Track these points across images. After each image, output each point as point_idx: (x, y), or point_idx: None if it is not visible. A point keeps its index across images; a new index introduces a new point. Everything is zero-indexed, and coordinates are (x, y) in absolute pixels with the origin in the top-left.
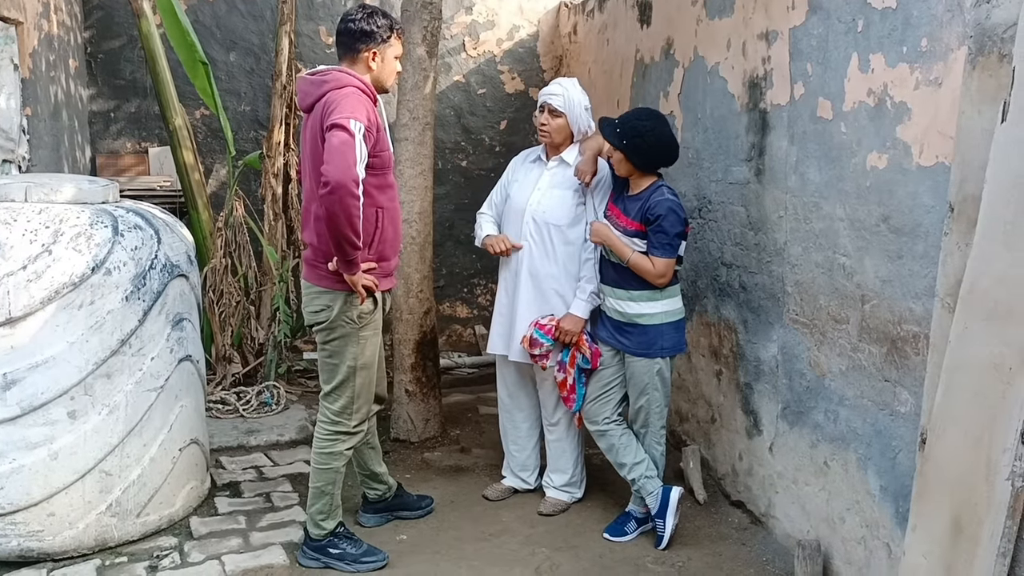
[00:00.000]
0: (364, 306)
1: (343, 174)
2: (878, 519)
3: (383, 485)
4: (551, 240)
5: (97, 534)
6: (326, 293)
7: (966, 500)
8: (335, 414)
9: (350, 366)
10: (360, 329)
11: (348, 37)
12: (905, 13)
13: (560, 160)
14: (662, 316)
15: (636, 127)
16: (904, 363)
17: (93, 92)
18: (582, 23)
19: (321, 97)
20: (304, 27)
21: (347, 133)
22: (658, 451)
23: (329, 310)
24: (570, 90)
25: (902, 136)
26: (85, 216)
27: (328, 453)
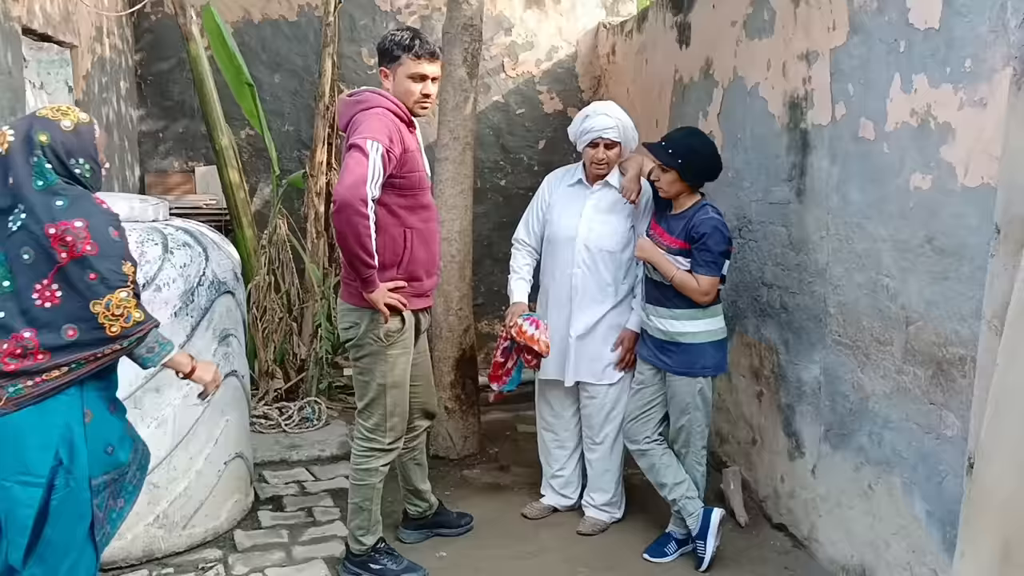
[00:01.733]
0: (391, 324)
1: (350, 193)
2: (924, 544)
3: (424, 503)
4: (604, 266)
5: (145, 545)
6: (354, 311)
7: (1016, 526)
8: (369, 431)
9: (380, 384)
10: (388, 348)
11: (379, 54)
12: (948, 34)
13: (605, 183)
14: (705, 335)
15: (689, 144)
16: (950, 386)
17: (143, 113)
18: (621, 43)
19: (352, 117)
20: (347, 49)
21: (361, 153)
22: (699, 471)
23: (357, 327)
24: (622, 118)
25: (946, 157)
26: (136, 234)
27: (364, 469)
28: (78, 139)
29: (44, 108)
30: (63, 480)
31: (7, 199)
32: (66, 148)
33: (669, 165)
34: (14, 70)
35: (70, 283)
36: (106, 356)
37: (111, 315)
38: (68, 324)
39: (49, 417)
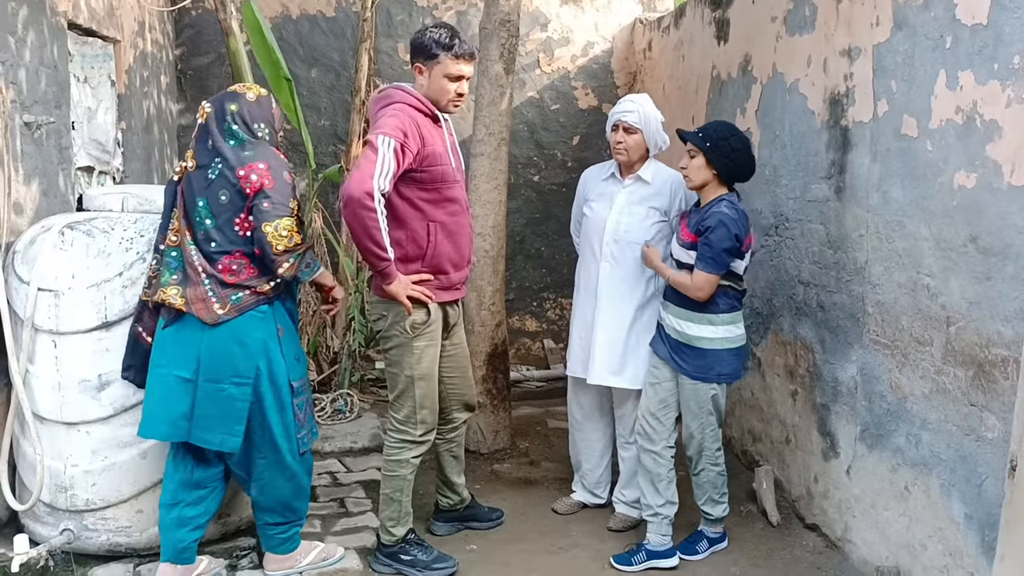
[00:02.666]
0: (416, 316)
1: (356, 187)
2: (962, 548)
3: (457, 496)
4: (633, 259)
5: None
6: (382, 303)
7: None
8: (399, 423)
9: (408, 376)
10: (414, 339)
11: (411, 52)
12: (996, 30)
13: (636, 178)
14: (721, 341)
15: (720, 130)
16: (992, 387)
17: (182, 107)
18: (657, 39)
19: (377, 112)
20: (383, 44)
21: (371, 148)
22: (715, 471)
23: (384, 319)
24: (644, 105)
25: (992, 155)
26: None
27: (395, 461)
28: (259, 108)
29: (234, 85)
30: (267, 384)
31: (208, 157)
32: (251, 114)
33: (697, 146)
34: (59, 64)
35: (253, 211)
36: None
37: (278, 235)
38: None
39: (252, 333)
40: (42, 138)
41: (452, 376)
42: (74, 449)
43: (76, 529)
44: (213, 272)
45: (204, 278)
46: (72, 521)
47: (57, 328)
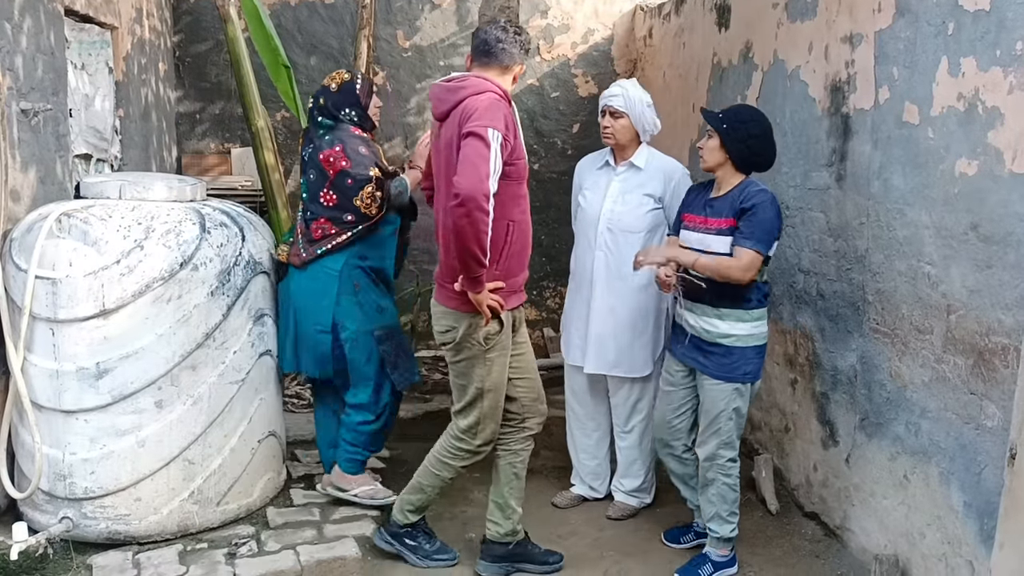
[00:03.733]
0: (490, 327)
1: (474, 187)
2: (961, 536)
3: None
4: (627, 248)
5: (180, 520)
6: (451, 314)
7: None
8: (462, 431)
9: (477, 388)
10: (487, 351)
11: (495, 45)
12: (999, 15)
13: (629, 165)
14: (747, 339)
15: (740, 114)
16: (992, 376)
17: (180, 94)
18: (658, 26)
19: (458, 104)
20: (382, 31)
21: (483, 143)
22: (726, 483)
23: (455, 331)
24: (629, 89)
25: (994, 142)
26: (175, 213)
27: (444, 462)
28: (342, 95)
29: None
30: (347, 333)
31: (308, 143)
32: (335, 103)
33: (713, 127)
34: (56, 51)
35: (339, 188)
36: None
37: (366, 204)
38: (347, 212)
39: (328, 288)
40: (39, 125)
41: (524, 377)
42: (72, 437)
43: (75, 517)
44: (307, 232)
45: (300, 238)
46: (71, 509)
47: (55, 316)
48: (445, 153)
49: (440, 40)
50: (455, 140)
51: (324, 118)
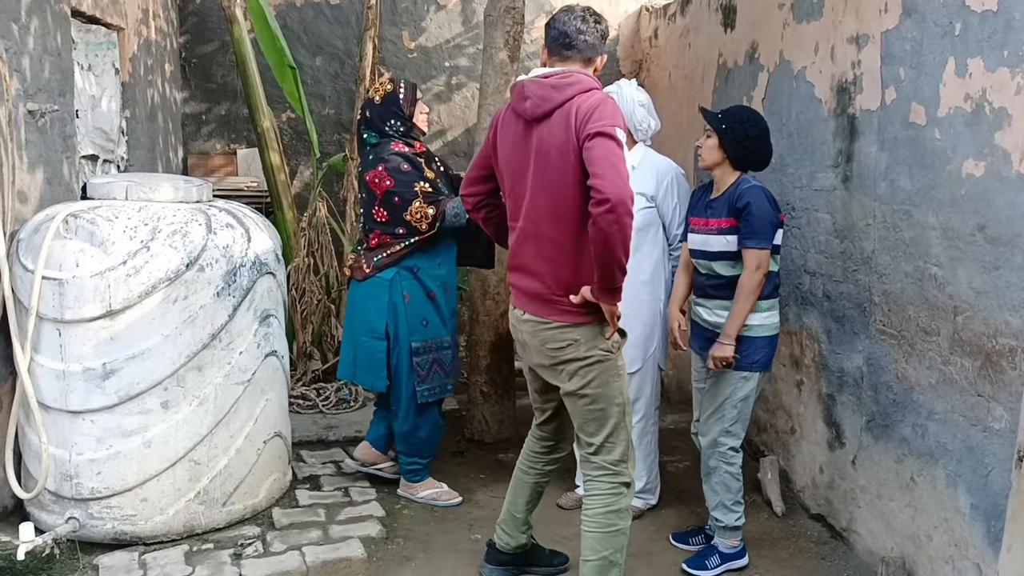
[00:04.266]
0: (615, 337)
1: (621, 190)
2: (968, 538)
3: (523, 538)
4: None
5: (186, 520)
6: (569, 328)
7: None
8: (614, 464)
9: (619, 405)
10: (617, 358)
11: (576, 37)
12: (1007, 16)
13: None
14: (758, 328)
15: (739, 115)
16: (999, 378)
17: (186, 95)
18: (663, 27)
19: (564, 103)
20: (388, 32)
21: (616, 143)
22: (727, 472)
23: (577, 344)
24: (624, 88)
25: (1001, 143)
26: (181, 214)
27: (615, 511)
28: (384, 107)
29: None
30: (395, 340)
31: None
32: (379, 116)
33: (712, 126)
34: (63, 52)
35: (388, 206)
36: (424, 237)
37: (416, 219)
38: (398, 227)
39: (382, 296)
40: (46, 126)
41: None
42: (79, 438)
43: (81, 517)
44: (366, 240)
45: (360, 249)
46: (77, 509)
47: (62, 316)
48: (540, 158)
49: (446, 41)
50: (564, 142)
51: (370, 132)
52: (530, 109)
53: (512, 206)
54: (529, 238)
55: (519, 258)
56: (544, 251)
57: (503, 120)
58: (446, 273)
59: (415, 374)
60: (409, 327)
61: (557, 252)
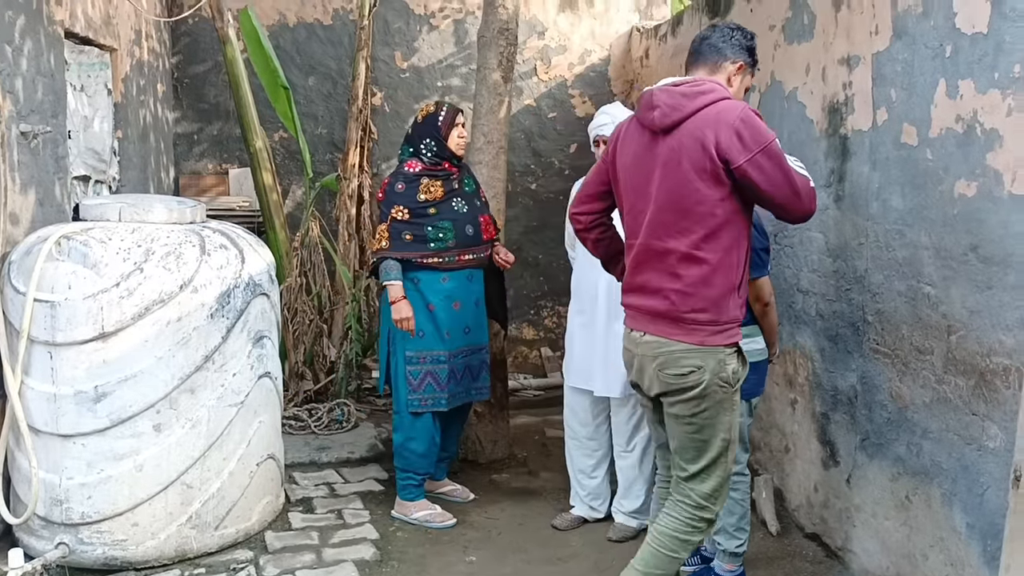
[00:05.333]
0: (737, 364)
1: (813, 203)
2: (964, 557)
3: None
4: None
5: (177, 545)
6: (699, 351)
7: None
8: (703, 498)
9: (724, 439)
10: (734, 392)
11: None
12: (997, 39)
13: None
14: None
15: None
16: (994, 397)
17: (178, 115)
18: (654, 47)
19: (696, 111)
20: (380, 52)
21: (782, 154)
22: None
23: (700, 372)
24: (617, 115)
25: (993, 164)
26: (175, 236)
27: (684, 541)
28: (423, 127)
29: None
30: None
31: None
32: (418, 134)
33: None
34: (56, 73)
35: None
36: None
37: (375, 238)
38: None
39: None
40: (38, 147)
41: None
42: (70, 461)
43: (71, 543)
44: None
45: None
46: (67, 535)
47: (53, 339)
48: (668, 170)
49: (438, 61)
50: (699, 154)
51: (405, 147)
52: (658, 119)
53: (631, 222)
54: (652, 254)
55: (639, 276)
56: (670, 267)
57: (625, 133)
58: (453, 287)
59: (408, 383)
60: (403, 335)
61: (685, 268)
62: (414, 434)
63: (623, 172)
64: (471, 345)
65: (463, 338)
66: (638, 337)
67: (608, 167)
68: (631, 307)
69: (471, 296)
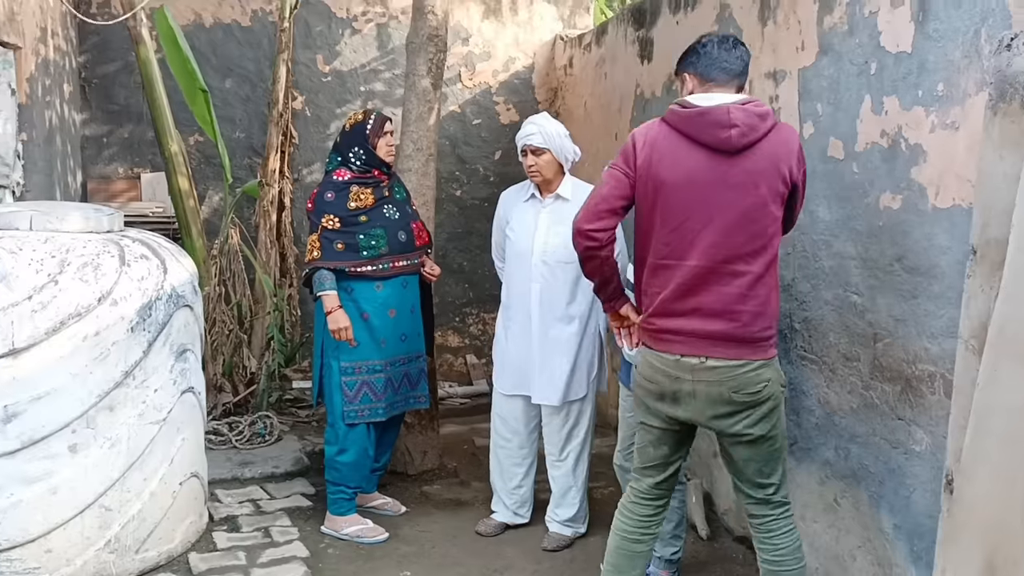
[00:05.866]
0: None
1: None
2: (891, 557)
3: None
4: (564, 278)
5: (95, 571)
6: (768, 365)
7: (1000, 542)
8: (786, 497)
9: (785, 436)
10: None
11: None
12: (920, 58)
13: (556, 196)
14: None
15: None
16: (920, 402)
17: (86, 117)
18: (578, 56)
19: (768, 132)
20: (301, 55)
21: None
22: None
23: (770, 384)
24: (544, 125)
25: (917, 178)
26: (92, 246)
27: (800, 545)
28: (351, 136)
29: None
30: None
31: None
32: (346, 143)
33: None
34: None
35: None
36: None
37: (308, 249)
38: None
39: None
40: None
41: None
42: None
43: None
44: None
45: None
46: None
47: None
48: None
49: (361, 65)
50: (773, 174)
51: (333, 155)
52: (736, 138)
53: (675, 241)
54: (715, 276)
55: (691, 299)
56: (741, 288)
57: (662, 146)
58: (388, 295)
59: (343, 394)
60: (337, 346)
61: (756, 288)
62: (347, 445)
63: (670, 188)
64: (408, 353)
65: (400, 346)
66: (694, 363)
67: (634, 181)
68: (680, 332)
69: (406, 303)
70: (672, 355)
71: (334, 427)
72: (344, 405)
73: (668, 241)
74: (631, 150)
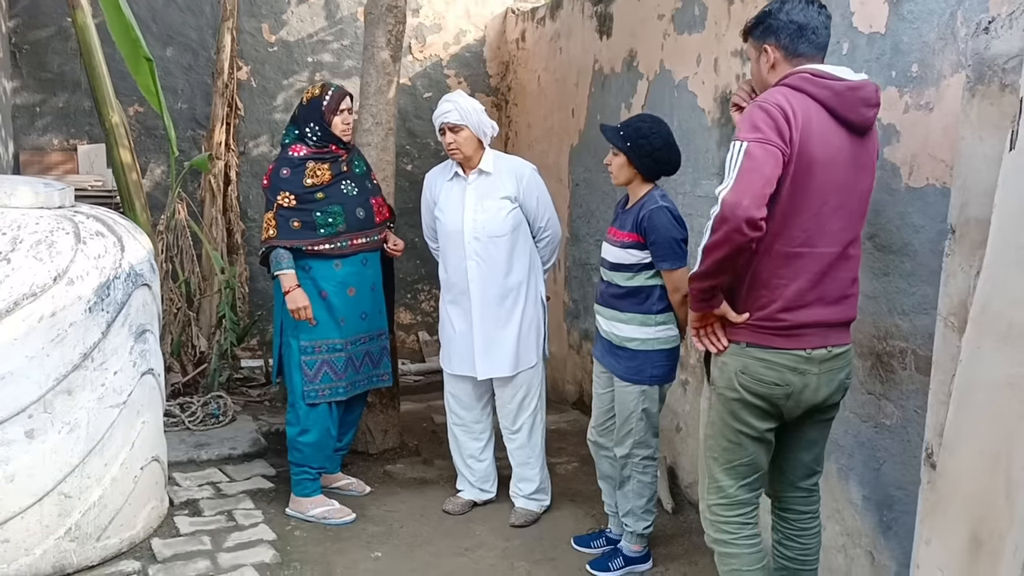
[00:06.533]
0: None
1: None
2: (860, 528)
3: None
4: (497, 252)
5: (55, 560)
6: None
7: (984, 515)
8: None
9: None
10: None
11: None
12: (895, 39)
13: (479, 172)
14: (653, 342)
15: (640, 129)
16: (890, 377)
17: (17, 85)
18: (531, 30)
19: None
20: (246, 24)
21: None
22: (642, 481)
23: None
24: (459, 101)
25: (891, 158)
26: (44, 222)
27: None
28: (307, 111)
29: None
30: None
31: None
32: (302, 118)
33: (617, 147)
34: None
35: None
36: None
37: (264, 227)
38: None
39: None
40: None
41: None
42: None
43: None
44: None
45: None
46: None
47: None
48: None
49: (308, 35)
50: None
51: (290, 128)
52: (872, 118)
53: (813, 226)
54: (840, 261)
55: (818, 288)
56: (853, 272)
57: (814, 123)
58: (347, 273)
59: (303, 373)
60: (296, 325)
61: (858, 270)
62: (308, 425)
63: (818, 168)
64: (369, 331)
65: (360, 324)
66: (827, 353)
67: (788, 159)
68: (809, 324)
69: (366, 281)
70: (803, 350)
71: (295, 407)
72: (304, 385)
73: (806, 227)
74: (784, 122)
